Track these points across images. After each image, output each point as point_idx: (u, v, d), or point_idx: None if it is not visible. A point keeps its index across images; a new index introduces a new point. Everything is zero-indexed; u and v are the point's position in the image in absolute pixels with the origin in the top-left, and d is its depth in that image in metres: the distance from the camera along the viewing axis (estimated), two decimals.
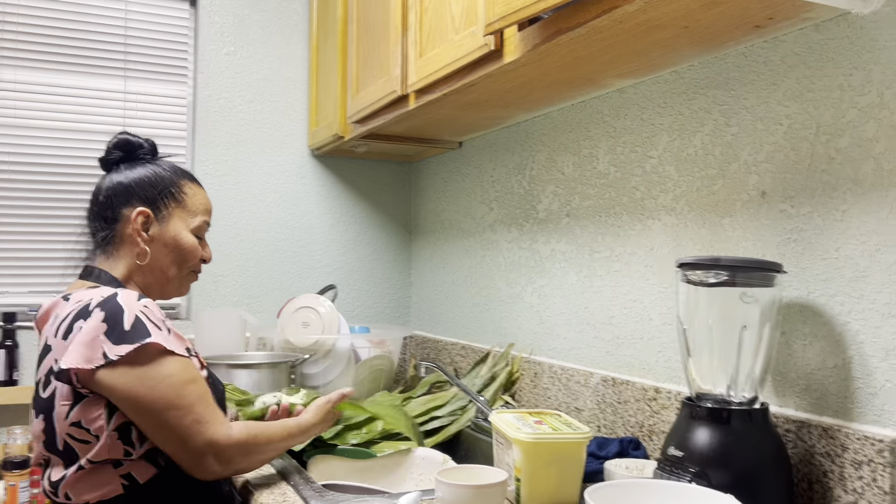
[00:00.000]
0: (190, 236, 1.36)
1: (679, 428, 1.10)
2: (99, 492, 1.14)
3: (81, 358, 1.12)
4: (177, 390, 1.14)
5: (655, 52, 1.28)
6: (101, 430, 1.14)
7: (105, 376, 1.12)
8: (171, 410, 1.13)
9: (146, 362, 1.14)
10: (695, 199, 1.35)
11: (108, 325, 1.14)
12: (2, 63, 2.09)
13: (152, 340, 1.14)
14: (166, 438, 1.15)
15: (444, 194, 2.35)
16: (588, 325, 1.63)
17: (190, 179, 1.42)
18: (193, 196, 1.40)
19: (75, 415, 1.14)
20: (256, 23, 2.40)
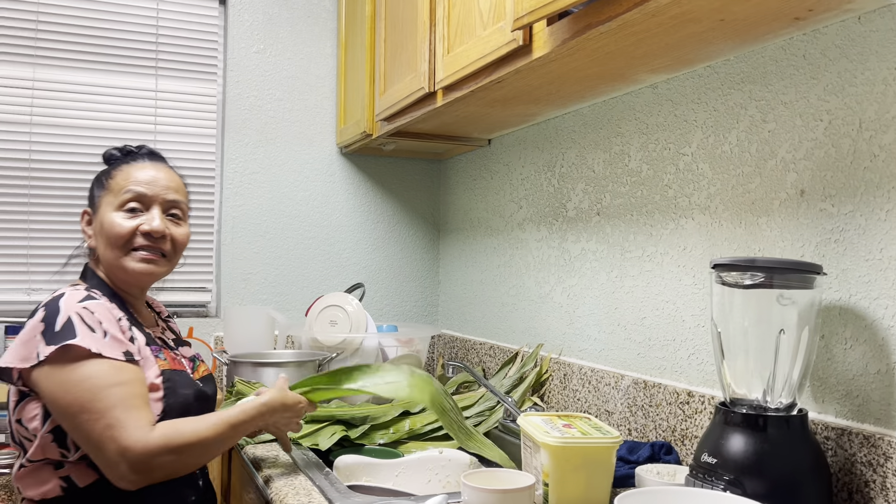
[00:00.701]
0: (112, 216, 1.29)
1: (712, 434, 1.07)
2: (39, 490, 1.16)
3: (18, 357, 1.14)
4: (94, 394, 1.11)
5: (689, 46, 1.25)
6: (36, 430, 1.15)
7: (36, 376, 1.13)
8: (84, 414, 1.11)
9: (67, 363, 1.13)
10: (730, 198, 1.31)
11: (45, 324, 1.15)
12: (38, 63, 2.12)
13: (76, 342, 1.12)
14: (84, 443, 1.13)
15: (472, 192, 2.33)
16: (619, 326, 1.60)
17: (131, 161, 1.36)
18: (120, 175, 1.33)
19: (17, 412, 1.17)
20: (286, 21, 2.40)
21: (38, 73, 2.12)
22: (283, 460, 1.42)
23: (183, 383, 1.28)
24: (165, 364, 1.28)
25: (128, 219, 1.30)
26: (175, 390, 1.25)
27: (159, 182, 1.35)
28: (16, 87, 2.09)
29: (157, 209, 1.33)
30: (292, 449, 1.43)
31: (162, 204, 1.34)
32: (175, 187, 1.38)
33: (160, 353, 1.30)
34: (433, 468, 1.52)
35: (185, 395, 1.27)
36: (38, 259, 2.11)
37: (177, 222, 1.37)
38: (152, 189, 1.33)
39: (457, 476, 1.49)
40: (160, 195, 1.33)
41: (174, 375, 1.27)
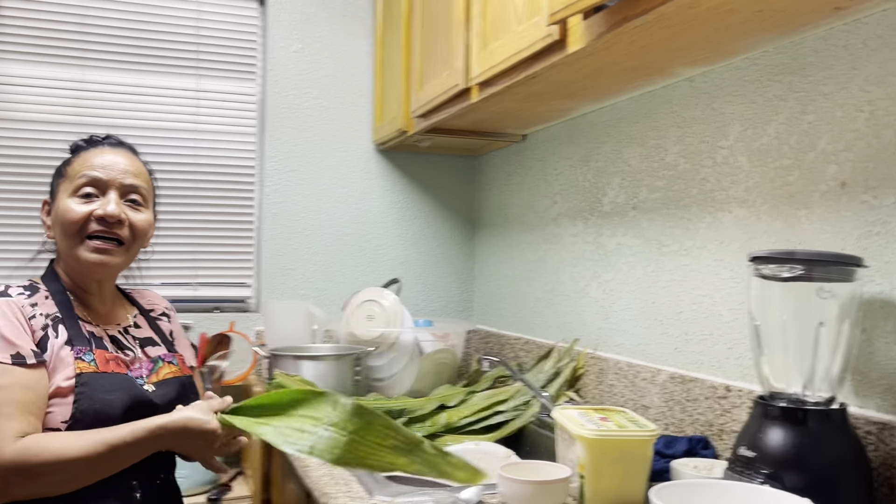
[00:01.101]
0: (66, 202, 1.24)
1: (751, 427, 1.06)
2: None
3: None
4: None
5: (727, 38, 1.24)
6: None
7: None
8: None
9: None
10: (768, 191, 1.30)
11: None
12: (85, 65, 2.18)
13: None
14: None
15: (507, 188, 2.34)
16: (655, 320, 1.59)
17: (91, 147, 1.32)
18: (77, 161, 1.29)
19: None
20: (323, 20, 2.43)
21: (85, 75, 2.18)
22: None
23: (108, 388, 1.19)
24: (89, 366, 1.19)
25: (81, 204, 1.24)
26: (92, 395, 1.16)
27: (117, 166, 1.28)
28: (64, 88, 2.16)
29: (113, 193, 1.26)
30: (226, 471, 1.26)
31: (119, 188, 1.27)
32: (134, 172, 1.30)
33: (87, 353, 1.21)
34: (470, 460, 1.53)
35: (107, 401, 1.17)
36: None
37: (136, 208, 1.30)
38: (108, 173, 1.26)
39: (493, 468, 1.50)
40: (117, 179, 1.27)
41: (96, 379, 1.18)
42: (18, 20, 2.11)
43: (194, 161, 2.29)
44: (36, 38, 2.13)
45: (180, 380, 1.34)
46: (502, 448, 1.53)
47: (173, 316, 1.50)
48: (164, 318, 1.45)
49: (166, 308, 1.50)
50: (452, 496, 1.14)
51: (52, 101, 2.15)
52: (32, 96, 2.13)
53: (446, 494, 1.14)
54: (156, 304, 1.48)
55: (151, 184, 1.37)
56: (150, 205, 1.35)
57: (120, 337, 1.31)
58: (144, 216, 1.31)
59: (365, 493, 1.18)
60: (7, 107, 2.10)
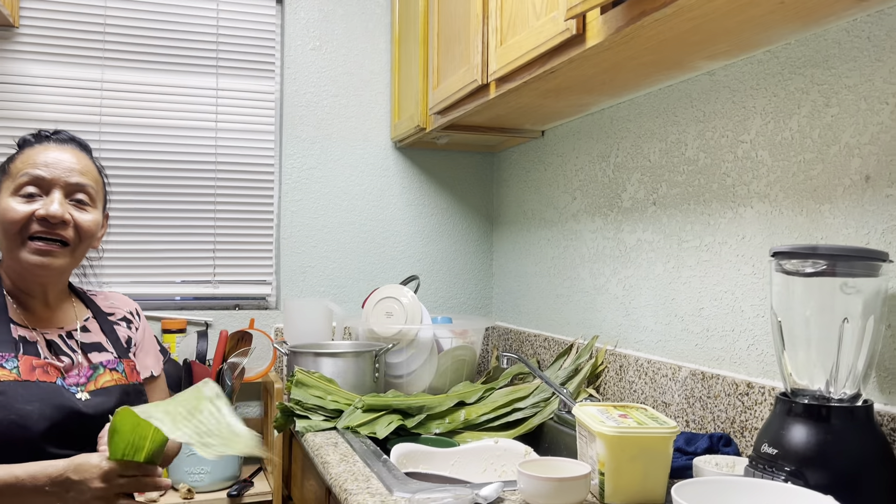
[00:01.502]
0: (7, 201, 1.20)
1: (773, 424, 1.05)
2: None
3: None
4: None
5: (748, 31, 1.22)
6: None
7: None
8: None
9: None
10: (790, 185, 1.28)
11: None
12: (106, 65, 2.20)
13: None
14: None
15: (525, 184, 2.33)
16: (676, 316, 1.58)
17: (36, 143, 1.27)
18: (20, 158, 1.24)
19: None
20: (340, 17, 2.43)
21: (106, 75, 2.20)
22: (343, 448, 1.46)
23: (27, 397, 1.14)
24: (9, 374, 1.15)
25: (23, 203, 1.20)
26: (7, 405, 1.12)
27: (61, 164, 1.23)
28: (86, 88, 2.18)
29: (57, 193, 1.22)
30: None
31: (64, 187, 1.23)
32: (81, 170, 1.26)
33: (9, 360, 1.17)
34: (488, 457, 1.53)
35: (25, 412, 1.13)
36: (110, 255, 2.19)
37: (82, 208, 1.25)
38: (52, 171, 1.22)
39: (512, 465, 1.50)
40: (61, 178, 1.22)
41: (14, 388, 1.14)
42: (39, 21, 2.14)
43: (214, 159, 2.31)
44: (57, 39, 2.15)
45: (123, 388, 1.29)
46: (521, 445, 1.53)
47: (137, 321, 1.44)
48: (122, 324, 1.40)
49: (130, 313, 1.44)
50: (472, 492, 1.13)
51: (73, 101, 2.17)
52: (54, 97, 2.15)
53: (466, 491, 1.14)
54: (117, 308, 1.42)
55: (101, 182, 1.33)
56: (99, 204, 1.31)
57: (59, 342, 1.27)
58: (91, 216, 1.26)
59: (385, 490, 1.19)
60: (29, 107, 2.12)
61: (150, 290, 2.23)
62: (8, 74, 2.10)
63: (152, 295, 2.24)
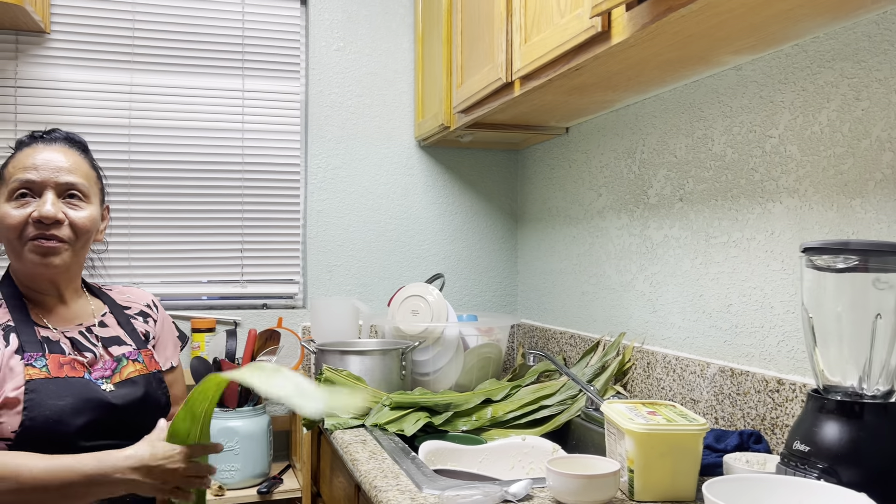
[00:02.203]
0: (4, 209, 1.23)
1: (805, 421, 1.04)
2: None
3: None
4: None
5: (775, 25, 1.21)
6: None
7: None
8: None
9: None
10: (820, 180, 1.27)
11: None
12: (134, 68, 2.24)
13: None
14: None
15: (550, 181, 2.33)
16: (704, 313, 1.57)
17: (27, 146, 1.29)
18: (13, 162, 1.27)
19: None
20: (364, 18, 2.45)
21: (134, 78, 2.24)
22: (371, 445, 1.47)
23: (59, 393, 1.18)
24: (40, 373, 1.19)
25: (18, 208, 1.23)
26: (41, 402, 1.16)
27: (50, 164, 1.25)
28: (115, 91, 2.22)
29: (49, 193, 1.24)
30: None
31: (55, 187, 1.25)
32: (70, 168, 1.28)
33: (39, 359, 1.20)
34: (516, 455, 1.53)
35: (58, 407, 1.17)
36: (140, 255, 2.23)
37: (75, 205, 1.27)
38: (41, 174, 1.24)
39: (540, 463, 1.50)
40: (51, 178, 1.24)
41: (45, 385, 1.18)
42: (70, 27, 2.17)
43: (241, 160, 2.33)
44: (87, 44, 2.19)
45: (145, 377, 1.33)
46: (549, 442, 1.53)
47: (155, 313, 1.47)
48: (139, 318, 1.43)
49: (147, 306, 1.47)
50: (501, 489, 1.14)
51: (103, 105, 2.21)
52: (84, 100, 2.19)
53: (495, 488, 1.15)
54: (134, 303, 1.45)
55: (95, 177, 1.34)
56: (94, 199, 1.32)
57: (80, 338, 1.30)
58: (85, 213, 1.28)
59: (414, 487, 1.20)
60: (60, 111, 2.16)
61: (179, 290, 2.27)
62: (40, 80, 2.14)
63: (182, 294, 2.28)
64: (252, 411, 2.02)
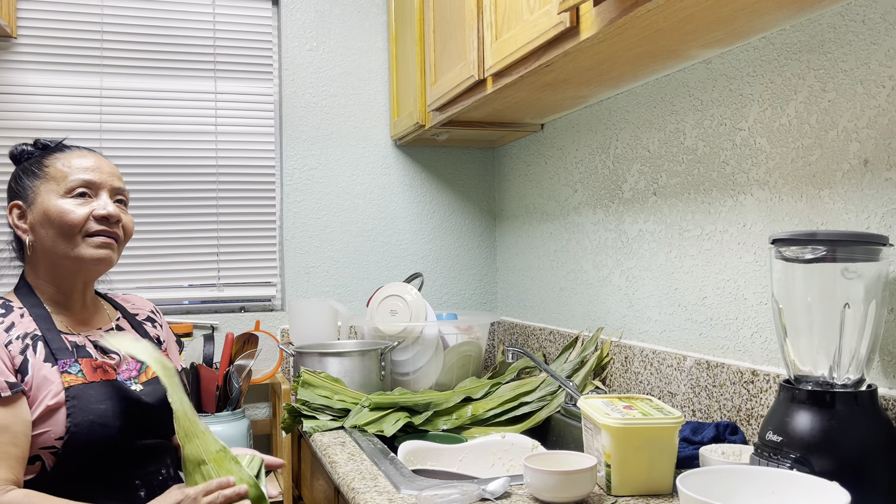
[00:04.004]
0: (58, 203, 1.25)
1: (777, 412, 1.05)
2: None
3: None
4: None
5: (742, 18, 1.22)
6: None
7: None
8: None
9: None
10: (790, 172, 1.28)
11: None
12: (104, 72, 2.21)
13: None
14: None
15: (527, 178, 2.33)
16: (679, 306, 1.58)
17: (61, 150, 1.34)
18: (59, 162, 1.30)
19: None
20: (337, 17, 2.43)
21: (104, 82, 2.21)
22: (350, 447, 1.46)
23: (99, 397, 1.21)
24: (77, 378, 1.21)
25: (80, 205, 1.26)
26: (84, 407, 1.18)
27: (104, 168, 1.32)
28: (85, 95, 2.19)
29: (106, 194, 1.30)
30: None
31: (110, 190, 1.31)
32: (118, 175, 1.35)
33: (73, 365, 1.22)
34: (496, 452, 1.53)
35: (101, 411, 1.20)
36: None
37: (123, 209, 1.33)
38: (99, 175, 1.30)
39: (520, 460, 1.50)
40: (108, 182, 1.30)
41: (85, 391, 1.20)
42: (37, 31, 2.14)
43: (215, 163, 2.31)
44: (55, 48, 2.16)
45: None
46: (528, 439, 1.53)
47: (159, 319, 1.51)
48: (148, 324, 1.46)
49: (151, 312, 1.51)
50: (479, 488, 1.14)
51: (73, 109, 2.18)
52: (54, 105, 2.16)
53: (473, 486, 1.15)
54: (140, 309, 1.49)
55: None
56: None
57: (102, 341, 1.32)
58: (131, 218, 1.36)
59: (392, 488, 1.19)
60: (30, 117, 2.13)
61: (155, 295, 2.24)
62: (7, 85, 2.11)
63: (158, 300, 2.25)
64: (231, 416, 2.00)
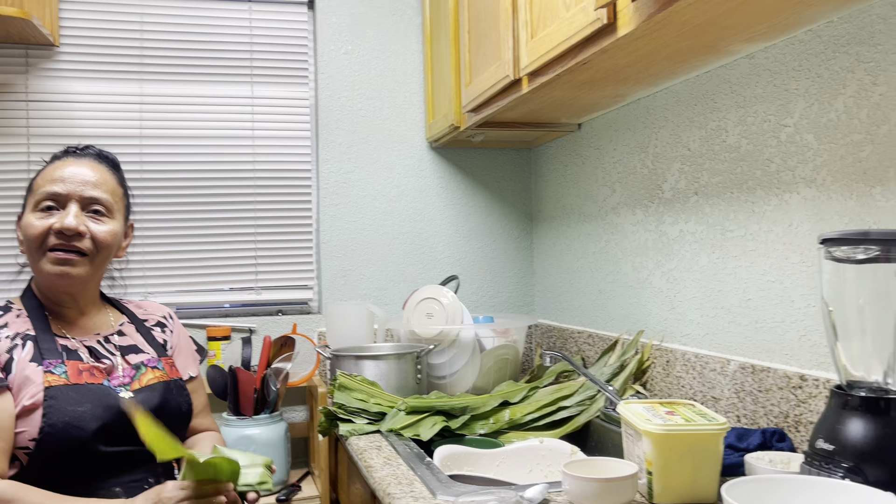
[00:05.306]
0: (27, 217, 1.26)
1: (828, 419, 1.01)
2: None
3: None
4: None
5: (787, 10, 1.18)
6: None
7: None
8: None
9: None
10: (838, 169, 1.23)
11: None
12: (144, 79, 2.24)
13: None
14: None
15: (564, 179, 2.30)
16: (723, 308, 1.53)
17: (58, 159, 1.32)
18: (41, 176, 1.29)
19: None
20: (372, 20, 2.43)
21: (144, 89, 2.24)
22: (386, 451, 1.45)
23: (78, 399, 1.20)
24: (59, 379, 1.21)
25: (41, 218, 1.25)
26: (60, 408, 1.17)
27: (76, 178, 1.28)
28: (126, 102, 2.22)
29: (73, 206, 1.26)
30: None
31: (79, 200, 1.27)
32: (96, 182, 1.30)
33: (58, 366, 1.22)
34: (534, 458, 1.51)
35: (77, 413, 1.18)
36: (153, 265, 2.23)
37: (98, 219, 1.30)
38: (66, 186, 1.26)
39: (558, 465, 1.47)
40: (76, 192, 1.27)
41: (65, 392, 1.19)
42: (79, 39, 2.18)
43: (252, 167, 2.33)
44: (96, 56, 2.20)
45: (165, 384, 1.35)
46: (567, 444, 1.50)
47: (171, 324, 1.50)
48: (157, 328, 1.46)
49: (163, 317, 1.50)
50: (517, 494, 1.12)
51: (113, 116, 2.21)
52: (95, 112, 2.19)
53: (511, 493, 1.12)
54: (151, 314, 1.49)
55: (121, 193, 1.36)
56: (118, 215, 1.34)
57: (98, 346, 1.32)
58: (107, 227, 1.30)
59: (428, 493, 1.17)
60: (72, 124, 2.17)
61: (194, 299, 2.26)
62: (50, 92, 2.15)
63: (197, 303, 2.27)
64: (269, 419, 2.01)
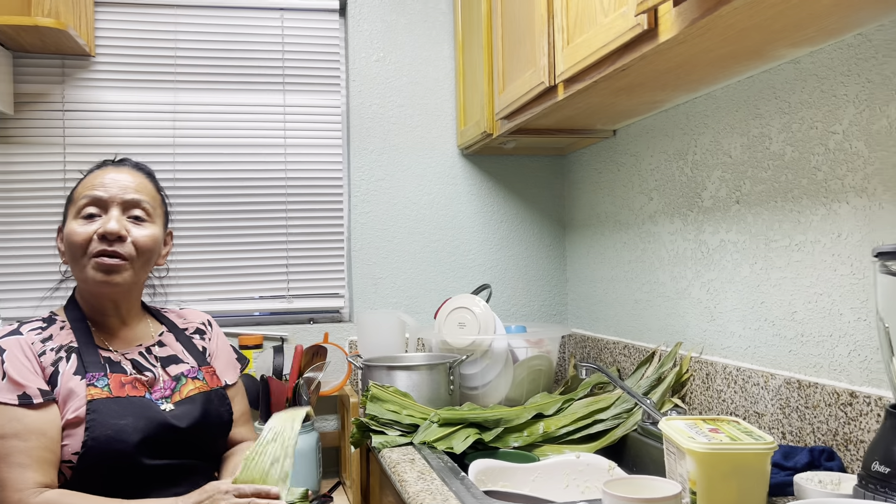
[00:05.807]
0: (70, 225, 1.27)
1: (884, 440, 0.96)
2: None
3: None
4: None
5: (835, 14, 1.13)
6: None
7: None
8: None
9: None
10: (891, 178, 1.18)
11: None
12: (178, 88, 2.25)
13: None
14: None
15: (598, 186, 2.26)
16: (766, 321, 1.48)
17: (98, 168, 1.34)
18: (82, 185, 1.31)
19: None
20: (403, 27, 2.42)
21: (178, 97, 2.25)
22: (420, 465, 1.43)
23: (120, 413, 1.20)
24: (102, 392, 1.21)
25: (84, 225, 1.26)
26: (103, 422, 1.18)
27: (117, 183, 1.29)
28: (159, 111, 2.24)
29: (115, 210, 1.27)
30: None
31: (120, 204, 1.28)
32: (136, 187, 1.31)
33: (101, 379, 1.23)
34: (570, 473, 1.47)
35: (119, 427, 1.19)
36: (186, 273, 2.24)
37: (139, 223, 1.31)
38: (108, 191, 1.28)
39: (595, 481, 1.44)
40: (117, 196, 1.28)
41: (108, 405, 1.20)
42: (114, 49, 2.20)
43: (284, 175, 2.33)
44: (131, 66, 2.22)
45: (206, 394, 1.35)
46: (604, 459, 1.47)
47: (210, 331, 1.50)
48: (196, 336, 1.46)
49: (203, 324, 1.50)
50: None
51: (147, 125, 2.23)
52: (129, 121, 2.21)
53: None
54: (191, 322, 1.48)
55: (160, 200, 1.37)
56: (158, 220, 1.35)
57: (140, 359, 1.32)
58: (148, 231, 1.31)
59: None
60: (107, 133, 2.19)
61: (226, 307, 2.27)
62: (86, 102, 2.17)
63: (229, 311, 2.28)
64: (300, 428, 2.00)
